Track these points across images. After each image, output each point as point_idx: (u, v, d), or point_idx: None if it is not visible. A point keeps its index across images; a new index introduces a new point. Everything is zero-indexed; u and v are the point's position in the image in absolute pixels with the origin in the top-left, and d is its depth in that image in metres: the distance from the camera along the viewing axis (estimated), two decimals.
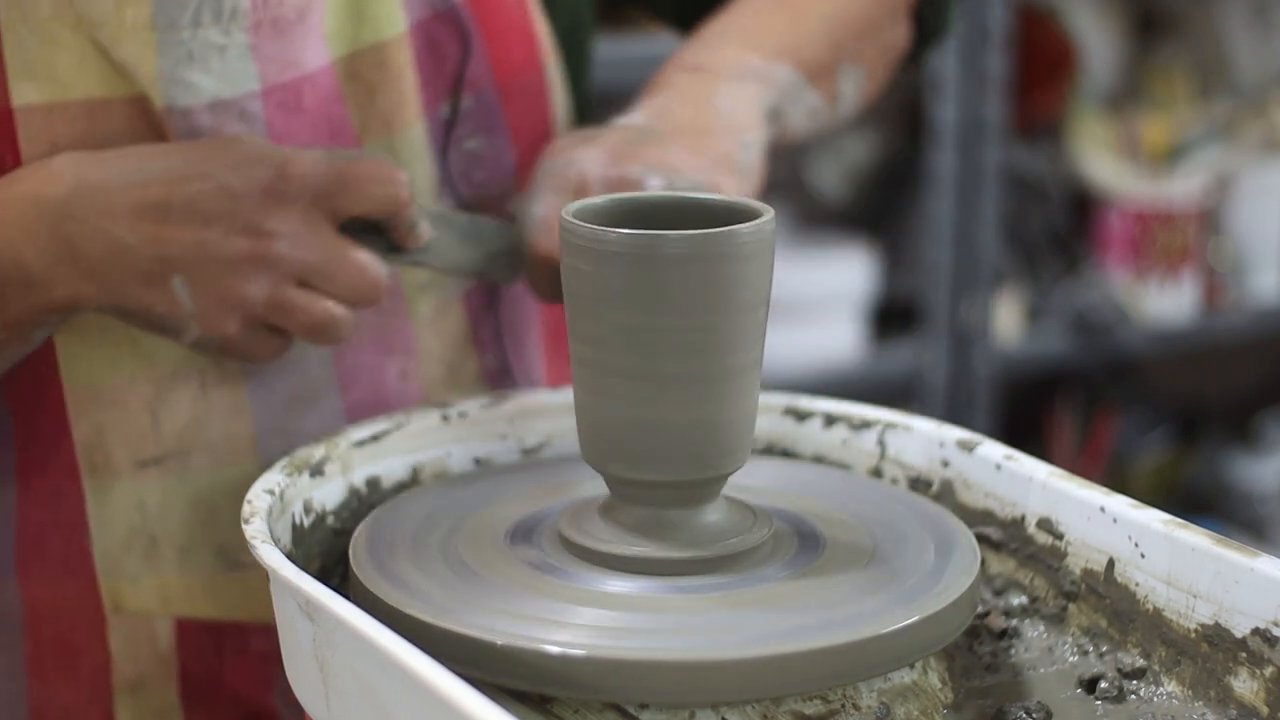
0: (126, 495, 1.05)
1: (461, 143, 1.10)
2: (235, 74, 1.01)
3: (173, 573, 1.06)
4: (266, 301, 0.97)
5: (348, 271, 0.98)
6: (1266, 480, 3.14)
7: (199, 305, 0.96)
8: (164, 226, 0.95)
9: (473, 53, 1.10)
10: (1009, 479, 0.97)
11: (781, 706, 0.83)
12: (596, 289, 0.88)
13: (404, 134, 1.07)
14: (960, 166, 2.69)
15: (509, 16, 1.12)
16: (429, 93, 1.09)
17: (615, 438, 0.89)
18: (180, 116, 1.01)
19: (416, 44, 1.08)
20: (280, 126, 1.03)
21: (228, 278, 0.96)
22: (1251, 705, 0.85)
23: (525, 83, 1.13)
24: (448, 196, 1.10)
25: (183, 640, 1.07)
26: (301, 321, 0.98)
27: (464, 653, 0.82)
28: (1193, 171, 2.94)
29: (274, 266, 0.96)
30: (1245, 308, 2.99)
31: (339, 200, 0.98)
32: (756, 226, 0.87)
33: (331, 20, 1.05)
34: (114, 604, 1.06)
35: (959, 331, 2.75)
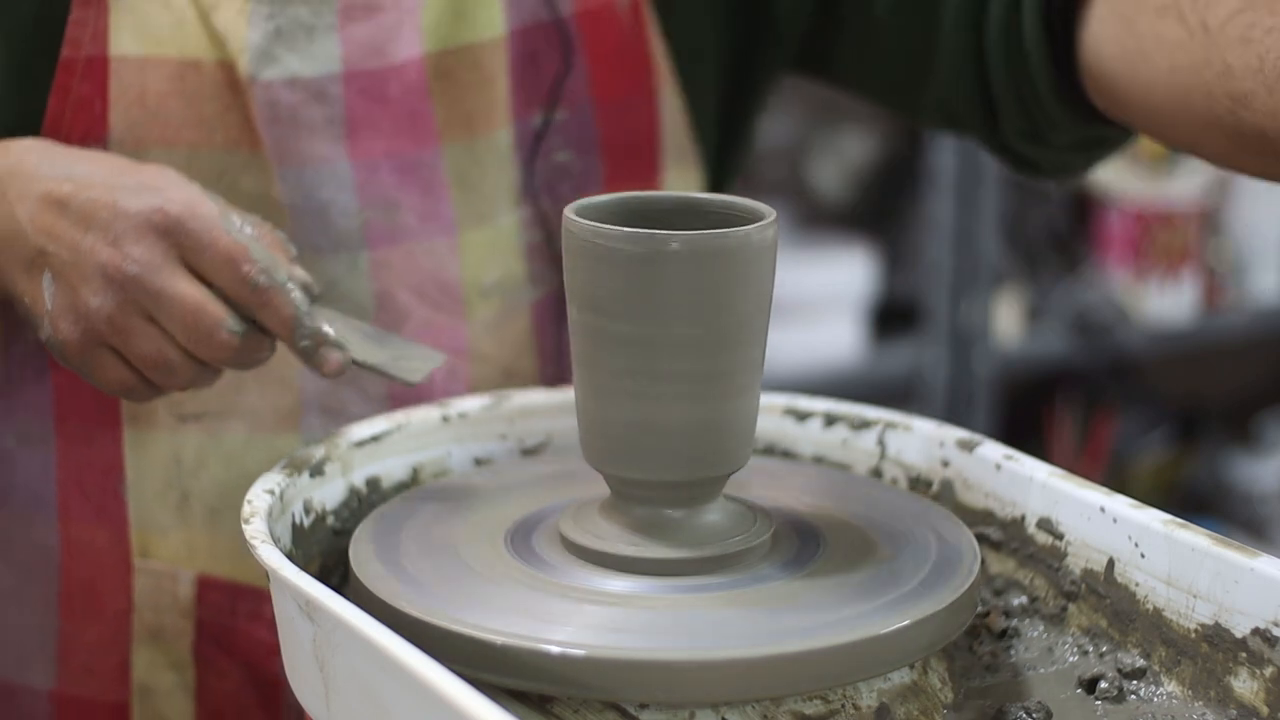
0: (164, 447, 1.07)
1: (551, 154, 1.11)
2: (318, 54, 1.03)
3: (200, 530, 1.08)
4: (109, 319, 0.96)
5: (185, 313, 0.95)
6: (1266, 480, 3.14)
7: (55, 305, 0.97)
8: (57, 221, 0.96)
9: (574, 67, 1.10)
10: (1009, 479, 0.97)
11: (781, 706, 0.83)
12: (598, 288, 0.88)
13: (486, 138, 1.08)
14: (960, 166, 2.69)
15: (621, 38, 1.12)
16: (522, 100, 1.09)
17: (615, 438, 0.89)
18: (262, 88, 1.03)
19: (515, 50, 1.08)
20: (361, 112, 1.05)
21: (83, 285, 0.96)
22: (1251, 705, 0.85)
23: (628, 103, 1.13)
24: (529, 204, 1.10)
25: (202, 596, 1.09)
26: (134, 349, 0.96)
27: (464, 653, 0.82)
28: (1193, 171, 2.94)
29: (123, 288, 0.95)
30: (1245, 308, 2.98)
31: (190, 258, 0.96)
32: (759, 227, 0.87)
33: (430, 13, 1.06)
34: (142, 552, 1.08)
35: (959, 331, 2.75)
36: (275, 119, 1.04)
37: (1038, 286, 2.88)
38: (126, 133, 1.05)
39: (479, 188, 1.09)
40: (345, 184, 1.06)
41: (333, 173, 1.05)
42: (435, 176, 1.08)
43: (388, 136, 1.06)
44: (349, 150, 1.06)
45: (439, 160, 1.08)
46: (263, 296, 0.95)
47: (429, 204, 1.08)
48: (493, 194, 1.09)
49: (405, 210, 1.08)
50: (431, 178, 1.08)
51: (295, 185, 1.05)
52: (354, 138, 1.06)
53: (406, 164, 1.07)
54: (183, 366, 0.97)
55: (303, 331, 0.96)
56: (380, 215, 1.07)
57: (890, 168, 2.91)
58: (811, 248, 2.75)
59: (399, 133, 1.06)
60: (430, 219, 1.08)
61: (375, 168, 1.06)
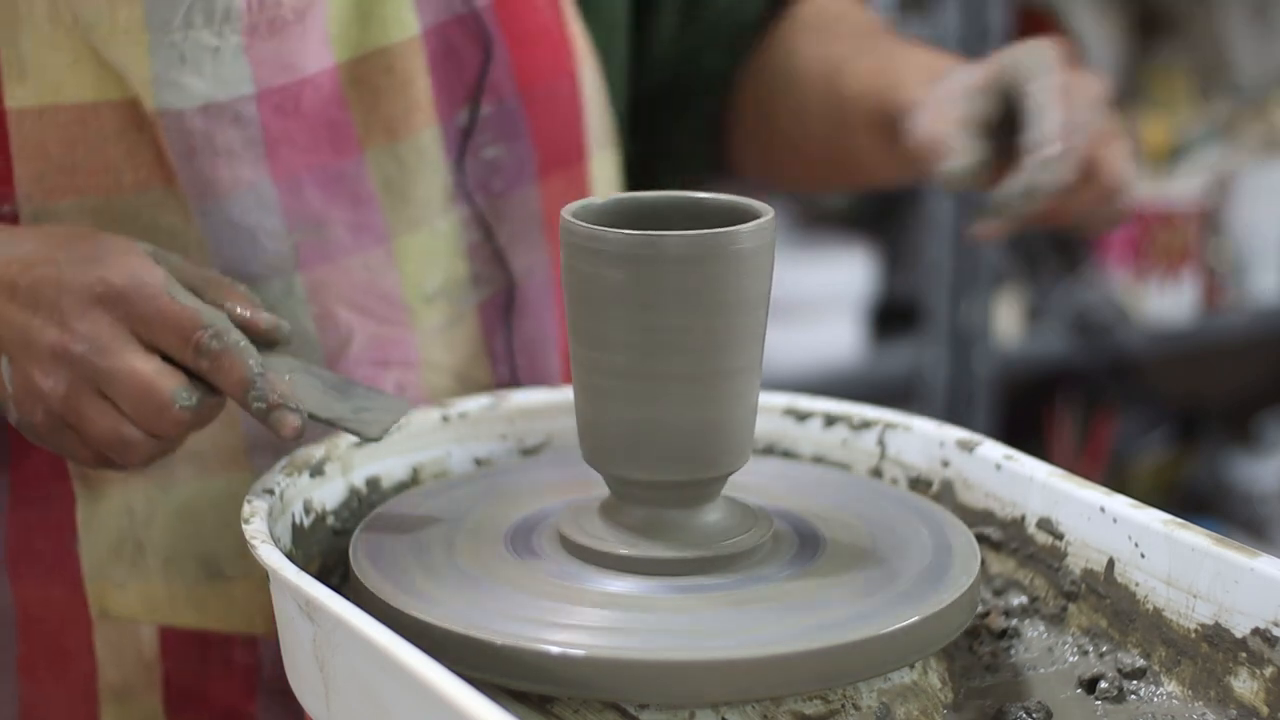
0: (115, 501, 1.05)
1: (480, 150, 1.09)
2: (228, 76, 1.00)
3: (158, 580, 1.05)
4: (62, 400, 0.93)
5: (135, 391, 0.92)
6: (1266, 480, 3.14)
7: (15, 388, 0.94)
8: (7, 305, 0.94)
9: (495, 59, 1.08)
10: (1009, 479, 0.97)
11: (781, 706, 0.83)
12: (597, 289, 0.88)
13: (410, 140, 1.06)
14: None
15: (539, 21, 1.10)
16: (445, 98, 1.07)
17: (615, 438, 0.89)
18: (172, 119, 1.00)
19: (432, 48, 1.06)
20: (276, 130, 1.02)
21: (34, 367, 0.93)
22: (1251, 705, 0.85)
23: (553, 90, 1.11)
24: (463, 204, 1.08)
25: (166, 649, 1.06)
26: (89, 431, 0.94)
27: (464, 653, 0.82)
28: (1193, 171, 2.94)
29: (72, 367, 0.93)
30: (1245, 308, 2.98)
31: (139, 328, 0.93)
32: (757, 227, 0.87)
33: (336, 22, 1.03)
34: (100, 609, 1.06)
35: (959, 331, 2.75)
36: (190, 150, 1.01)
37: (1038, 286, 2.88)
38: (34, 187, 1.01)
39: (408, 193, 1.07)
40: (270, 206, 1.03)
41: (257, 197, 1.02)
42: (361, 186, 1.05)
43: (307, 151, 1.03)
44: (270, 171, 1.03)
45: (363, 169, 1.05)
46: (215, 361, 0.93)
47: (358, 215, 1.05)
48: (424, 198, 1.07)
49: (335, 225, 1.05)
50: (358, 188, 1.05)
51: (218, 215, 1.02)
52: (273, 157, 1.02)
53: (330, 177, 1.04)
54: (141, 443, 0.94)
55: (256, 394, 0.93)
56: (310, 234, 1.04)
57: None
58: (811, 248, 2.75)
59: (318, 146, 1.03)
60: (362, 231, 1.06)
61: (299, 185, 1.03)
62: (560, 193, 1.12)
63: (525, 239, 1.10)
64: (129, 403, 0.93)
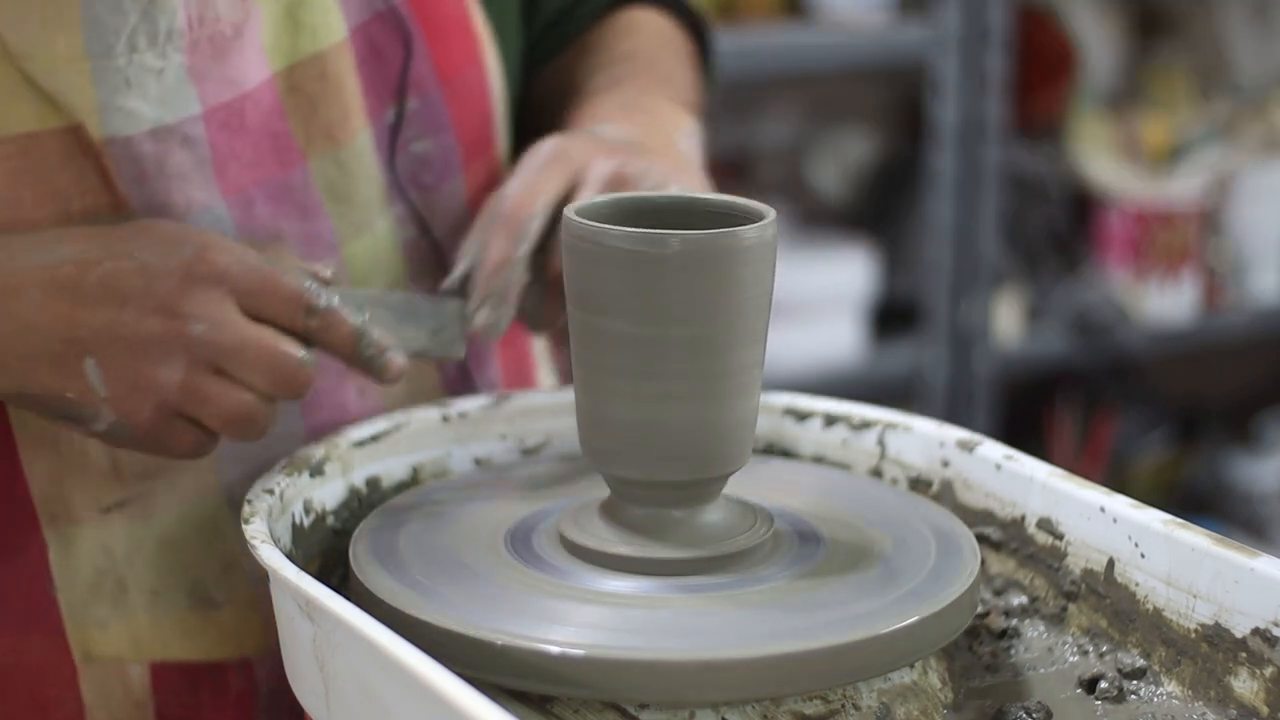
0: (91, 542, 1.02)
1: (409, 146, 1.08)
2: (175, 98, 0.98)
3: (143, 616, 1.03)
4: (181, 387, 0.91)
5: (263, 359, 0.92)
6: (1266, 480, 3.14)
7: (112, 390, 0.91)
8: (76, 307, 0.91)
9: (415, 53, 1.07)
10: (1009, 479, 0.97)
11: (781, 706, 0.83)
12: (598, 288, 0.88)
13: (349, 145, 1.05)
14: (960, 166, 2.69)
15: (447, 11, 1.10)
16: (373, 98, 1.06)
17: (615, 438, 0.89)
18: (120, 146, 0.97)
19: (358, 49, 1.05)
20: (224, 148, 1.00)
21: (141, 361, 0.91)
22: (1251, 705, 0.85)
23: (467, 79, 1.11)
24: (399, 203, 1.07)
25: (158, 685, 1.04)
26: (214, 411, 0.92)
27: (464, 653, 0.82)
28: (1193, 171, 2.94)
29: (188, 350, 0.91)
30: (1245, 308, 2.99)
31: (247, 301, 0.92)
32: (759, 228, 0.87)
33: (269, 33, 1.02)
34: (84, 653, 1.03)
35: (959, 331, 2.75)
36: (141, 175, 0.98)
37: (1038, 286, 2.88)
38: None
39: (351, 198, 1.06)
40: (225, 226, 1.01)
41: (211, 218, 1.00)
42: (309, 196, 1.04)
43: (253, 166, 1.02)
44: (221, 190, 1.01)
45: (308, 179, 1.04)
46: (325, 319, 0.93)
47: (307, 226, 1.04)
48: (364, 201, 1.06)
49: (287, 237, 1.03)
50: (305, 198, 1.04)
51: None
52: (222, 176, 1.01)
53: (277, 189, 1.03)
54: (264, 415, 0.93)
55: (367, 342, 0.94)
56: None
57: (890, 168, 2.91)
58: (811, 248, 2.75)
59: (263, 160, 1.02)
60: (313, 241, 1.04)
61: (249, 201, 1.02)
62: (480, 181, 1.12)
63: (458, 231, 1.10)
64: (259, 372, 0.92)
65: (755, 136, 2.94)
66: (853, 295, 2.75)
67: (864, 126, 2.97)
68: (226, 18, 0.99)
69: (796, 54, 2.65)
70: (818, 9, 2.69)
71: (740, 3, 2.66)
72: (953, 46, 2.65)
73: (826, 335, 2.72)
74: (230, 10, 0.99)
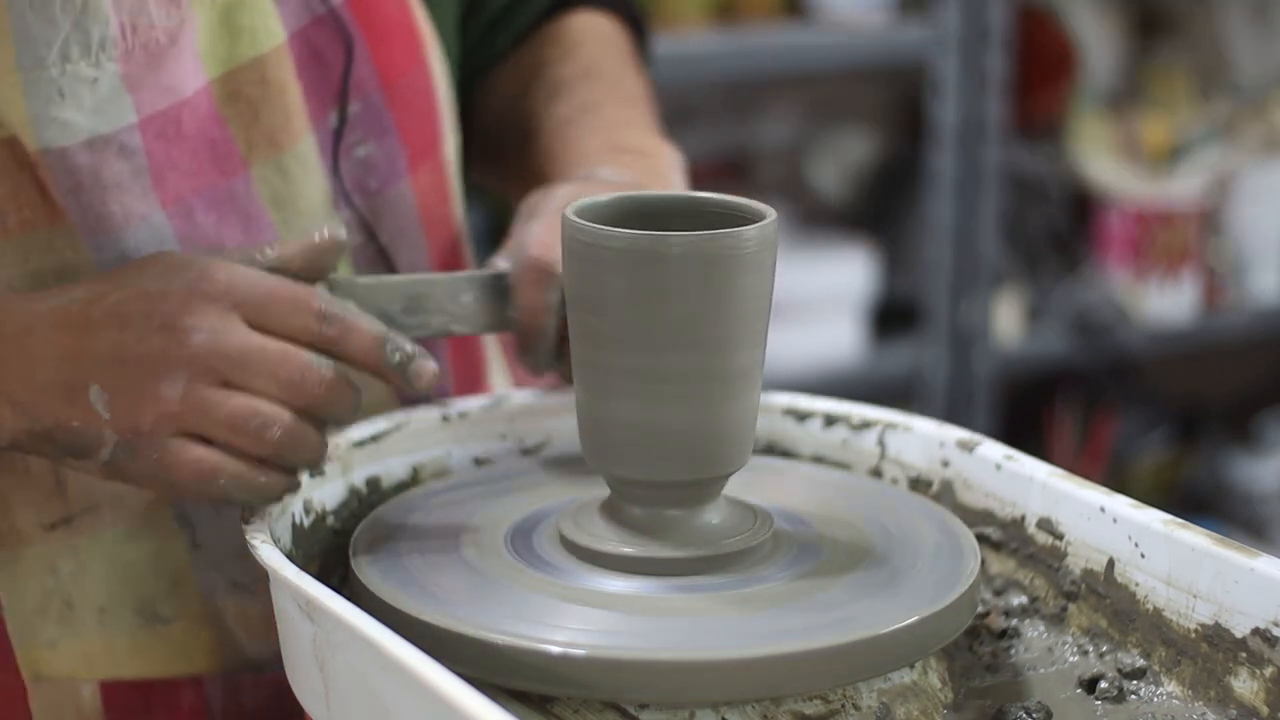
0: (37, 560, 1.01)
1: (352, 151, 1.07)
2: (110, 107, 0.97)
3: (93, 634, 1.02)
4: (182, 398, 0.89)
5: (269, 362, 0.89)
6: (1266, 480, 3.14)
7: (115, 411, 0.89)
8: (83, 337, 0.90)
9: (356, 56, 1.06)
10: (1009, 479, 0.97)
11: (781, 706, 0.83)
12: (598, 288, 0.88)
13: (292, 150, 1.03)
14: (960, 166, 2.69)
15: (389, 14, 1.09)
16: (315, 102, 1.05)
17: (616, 438, 0.89)
18: (56, 157, 0.96)
19: (297, 53, 1.04)
20: (161, 157, 0.99)
21: (143, 378, 0.89)
22: (1251, 705, 0.85)
23: (410, 82, 1.10)
24: (344, 209, 1.06)
25: (109, 703, 1.02)
26: (218, 418, 0.89)
27: (464, 653, 0.82)
28: (1193, 171, 2.94)
29: (190, 363, 0.89)
30: (1245, 308, 2.99)
31: (254, 315, 0.91)
32: (759, 228, 0.87)
33: (205, 39, 1.00)
34: (33, 673, 1.02)
35: (959, 331, 2.75)
36: (77, 186, 0.97)
37: (1038, 286, 2.88)
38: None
39: (295, 204, 1.04)
40: (165, 237, 0.99)
41: (150, 229, 0.99)
42: (252, 204, 1.03)
43: (192, 175, 1.00)
44: (160, 200, 0.99)
45: (250, 186, 1.03)
46: (343, 324, 0.91)
47: (251, 235, 1.03)
48: (309, 208, 1.05)
49: (231, 246, 1.01)
50: (248, 207, 1.03)
51: (113, 250, 0.98)
52: (160, 186, 0.99)
53: (219, 198, 1.02)
54: (275, 416, 0.89)
55: (393, 346, 0.91)
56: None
57: (890, 168, 2.91)
58: (811, 248, 2.75)
59: (202, 168, 1.00)
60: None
61: (190, 211, 1.00)
62: (428, 184, 1.11)
63: (405, 236, 1.09)
64: (265, 376, 0.89)
65: (755, 136, 2.94)
66: (853, 295, 2.75)
67: (864, 126, 2.97)
68: (160, 25, 0.98)
69: (796, 54, 2.65)
70: (818, 9, 2.69)
71: (740, 3, 2.66)
72: (953, 46, 2.65)
73: (826, 335, 2.72)
74: (164, 17, 0.98)
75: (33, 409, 0.91)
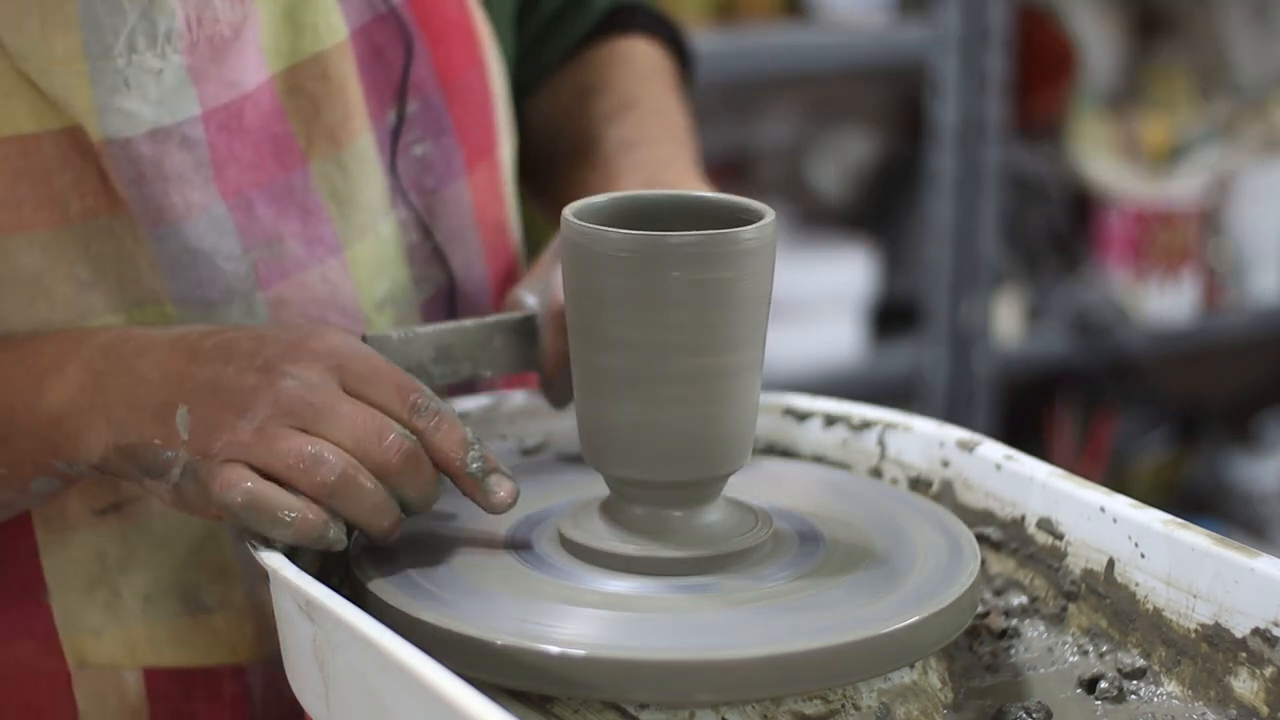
0: (84, 546, 1.02)
1: (410, 150, 1.08)
2: (174, 99, 0.98)
3: (137, 622, 1.03)
4: (256, 432, 0.88)
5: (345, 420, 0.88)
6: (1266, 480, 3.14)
7: (192, 433, 0.90)
8: (190, 364, 0.92)
9: (416, 55, 1.07)
10: (1009, 479, 0.97)
11: (781, 706, 0.83)
12: (598, 289, 0.87)
13: (351, 146, 1.04)
14: (960, 166, 2.69)
15: (448, 14, 1.10)
16: (374, 100, 1.06)
17: (615, 438, 0.89)
18: (119, 147, 0.97)
19: (358, 50, 1.05)
20: (223, 150, 1.00)
21: (228, 408, 0.89)
22: (1251, 705, 0.85)
23: (469, 83, 1.11)
24: (400, 207, 1.07)
25: (152, 691, 1.03)
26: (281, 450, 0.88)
27: (464, 653, 0.82)
28: (1193, 171, 2.94)
29: (274, 404, 0.89)
30: (1245, 308, 2.99)
31: (353, 381, 0.90)
32: (758, 228, 0.87)
33: (268, 33, 1.01)
34: (78, 659, 1.03)
35: (959, 331, 2.75)
36: (139, 177, 0.98)
37: (1038, 286, 2.88)
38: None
39: (354, 200, 1.05)
40: (225, 228, 1.00)
41: (211, 220, 1.00)
42: (310, 199, 1.04)
43: (253, 168, 1.01)
44: (220, 191, 1.00)
45: (309, 180, 1.04)
46: (434, 420, 0.90)
47: (309, 228, 1.04)
48: (367, 203, 1.06)
49: (289, 240, 1.03)
50: (306, 200, 1.04)
51: (173, 240, 0.99)
52: (222, 178, 1.00)
53: (278, 191, 1.02)
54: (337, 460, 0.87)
55: (475, 454, 0.90)
56: (266, 252, 1.02)
57: (890, 168, 2.91)
58: (811, 248, 2.75)
59: (263, 161, 1.02)
60: (315, 243, 1.04)
61: (249, 204, 1.01)
62: (484, 185, 1.12)
63: (460, 235, 1.10)
64: (341, 430, 0.88)
65: (755, 136, 2.94)
66: (853, 295, 2.75)
67: (864, 126, 2.97)
68: (225, 19, 0.99)
69: (796, 54, 2.65)
70: (818, 9, 2.69)
71: (740, 3, 2.66)
72: (953, 46, 2.65)
73: (826, 335, 2.72)
74: (228, 11, 0.99)
75: (124, 424, 0.92)
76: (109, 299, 0.99)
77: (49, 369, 0.94)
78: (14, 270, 0.97)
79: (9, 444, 0.95)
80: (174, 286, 1.00)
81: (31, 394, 0.94)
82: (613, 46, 1.27)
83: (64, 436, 0.93)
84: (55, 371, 0.94)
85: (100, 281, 0.99)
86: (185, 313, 1.00)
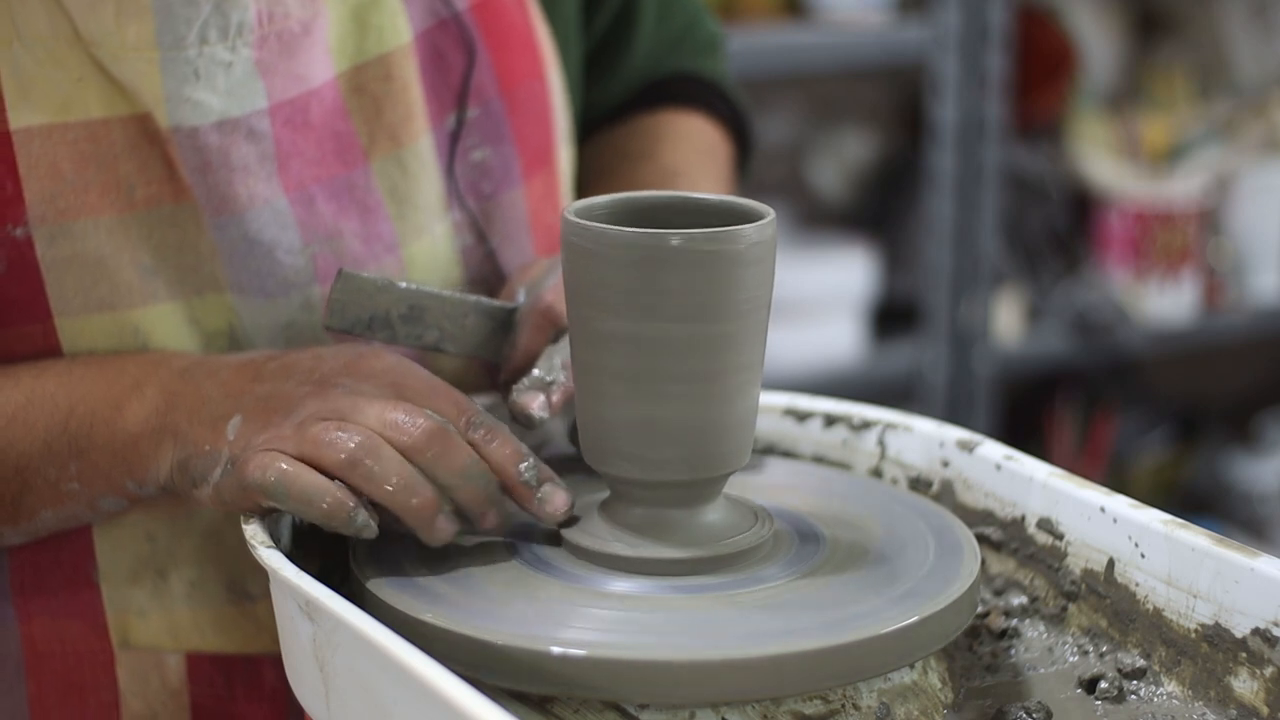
0: (135, 527, 1.03)
1: (468, 154, 1.09)
2: (242, 91, 1.00)
3: (182, 607, 1.04)
4: (298, 426, 0.90)
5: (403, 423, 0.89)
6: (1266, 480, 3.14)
7: (239, 434, 0.91)
8: (252, 382, 0.94)
9: (477, 62, 1.09)
10: (1009, 479, 0.97)
11: (781, 706, 0.83)
12: (598, 288, 0.88)
13: (412, 147, 1.06)
14: (960, 166, 2.69)
15: (511, 22, 1.11)
16: (435, 104, 1.07)
17: (615, 438, 0.89)
18: (186, 136, 0.99)
19: (421, 54, 1.06)
20: (288, 144, 1.01)
21: (276, 411, 0.91)
22: (1251, 705, 0.85)
23: (529, 91, 1.12)
24: (456, 209, 1.08)
25: (193, 675, 1.05)
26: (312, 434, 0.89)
27: (464, 653, 0.82)
28: (1193, 171, 2.94)
29: (319, 407, 0.90)
30: (1245, 308, 2.99)
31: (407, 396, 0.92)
32: (759, 227, 0.87)
33: (336, 32, 1.03)
34: (122, 639, 1.04)
35: (959, 331, 2.75)
36: (205, 166, 0.99)
37: (1038, 286, 2.88)
38: (47, 208, 0.98)
39: (412, 200, 1.07)
40: (286, 221, 1.02)
41: (273, 212, 1.01)
42: (370, 196, 1.05)
43: (316, 163, 1.03)
44: (283, 185, 1.02)
45: (370, 179, 1.05)
46: (490, 432, 0.91)
47: (368, 225, 1.05)
48: (425, 204, 1.07)
49: (347, 236, 1.04)
50: (366, 198, 1.05)
51: (235, 230, 1.01)
52: (285, 171, 1.02)
53: (339, 188, 1.04)
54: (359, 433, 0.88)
55: (529, 465, 0.91)
56: (325, 246, 1.04)
57: (890, 168, 2.91)
58: (811, 248, 2.75)
59: (326, 157, 1.03)
60: (373, 240, 1.05)
61: (311, 199, 1.03)
62: (541, 193, 1.13)
63: (514, 241, 1.11)
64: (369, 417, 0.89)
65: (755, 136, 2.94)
66: (853, 295, 2.75)
67: (864, 126, 2.97)
68: (296, 15, 1.01)
69: (796, 54, 2.65)
70: (818, 9, 2.69)
71: (740, 3, 2.66)
72: (953, 46, 2.65)
73: (826, 335, 2.72)
74: (299, 8, 1.01)
75: (185, 438, 0.94)
76: (170, 286, 1.01)
77: (130, 388, 0.97)
78: (78, 253, 0.99)
79: (85, 459, 0.97)
80: (233, 276, 1.02)
81: (112, 411, 0.96)
82: (669, 117, 1.27)
83: (139, 457, 0.95)
84: (135, 391, 0.96)
85: (161, 268, 1.00)
86: (243, 303, 1.02)
